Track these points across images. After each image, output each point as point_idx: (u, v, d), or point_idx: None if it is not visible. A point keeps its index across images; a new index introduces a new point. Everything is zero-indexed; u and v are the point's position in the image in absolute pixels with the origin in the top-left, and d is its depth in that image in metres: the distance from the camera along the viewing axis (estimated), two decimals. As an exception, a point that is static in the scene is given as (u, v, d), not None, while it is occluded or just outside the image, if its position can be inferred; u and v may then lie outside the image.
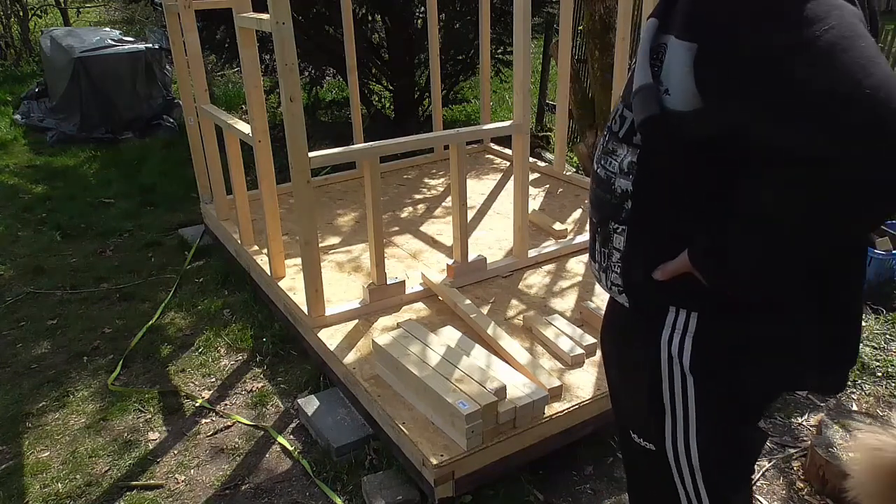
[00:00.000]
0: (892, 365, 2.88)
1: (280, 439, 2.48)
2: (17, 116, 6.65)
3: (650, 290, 1.14)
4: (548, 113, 6.16)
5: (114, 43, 6.29)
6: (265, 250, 3.19)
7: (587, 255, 3.25)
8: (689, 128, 0.99)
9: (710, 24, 0.93)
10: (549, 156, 5.23)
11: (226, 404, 2.70)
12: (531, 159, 4.17)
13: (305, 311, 2.71)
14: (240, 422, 2.59)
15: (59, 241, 4.21)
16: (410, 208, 4.01)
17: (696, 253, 1.06)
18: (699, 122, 0.98)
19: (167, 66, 6.62)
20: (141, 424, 2.60)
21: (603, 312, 2.83)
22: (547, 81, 6.24)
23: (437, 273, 3.04)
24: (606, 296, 1.32)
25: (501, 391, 2.11)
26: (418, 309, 2.87)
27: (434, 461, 2.00)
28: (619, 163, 1.12)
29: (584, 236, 3.43)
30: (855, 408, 2.64)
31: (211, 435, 2.54)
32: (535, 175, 4.33)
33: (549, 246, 3.34)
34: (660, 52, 1.01)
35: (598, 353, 2.48)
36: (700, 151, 1.01)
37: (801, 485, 2.28)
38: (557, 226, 3.54)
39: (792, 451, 2.42)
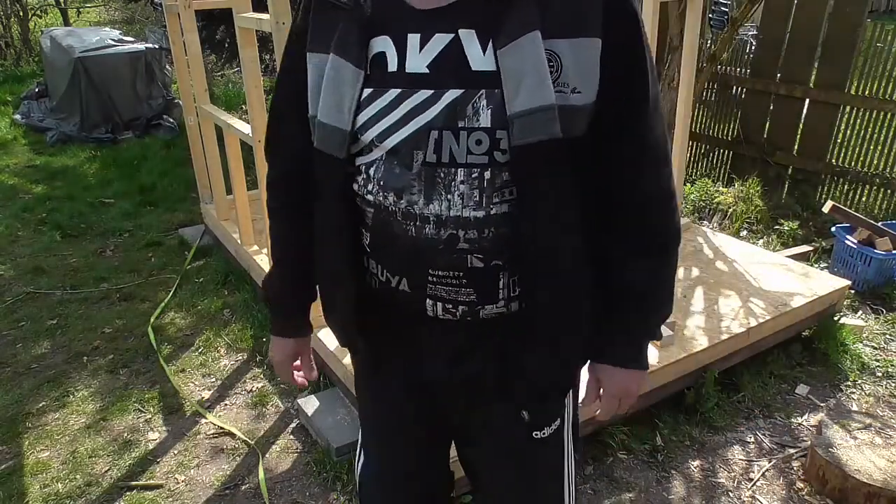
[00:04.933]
0: (892, 365, 2.88)
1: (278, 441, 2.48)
2: (17, 116, 6.65)
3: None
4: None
5: (114, 43, 6.28)
6: (265, 250, 3.19)
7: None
8: (582, 122, 1.00)
9: (604, 18, 0.98)
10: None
11: (225, 404, 2.71)
12: (531, 159, 4.16)
13: (305, 311, 2.70)
14: (234, 433, 2.59)
15: (59, 241, 4.21)
16: (410, 208, 4.01)
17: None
18: (593, 112, 1.01)
19: (167, 66, 6.62)
20: (141, 424, 2.61)
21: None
22: (547, 81, 6.23)
23: (437, 273, 3.03)
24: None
25: (501, 391, 2.11)
26: (418, 309, 2.86)
27: (434, 461, 1.99)
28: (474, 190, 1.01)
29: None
30: (855, 408, 2.64)
31: (211, 435, 2.54)
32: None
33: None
34: (551, 60, 0.97)
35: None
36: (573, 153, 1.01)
37: (801, 485, 2.28)
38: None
39: (792, 451, 2.42)
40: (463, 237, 1.03)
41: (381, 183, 1.04)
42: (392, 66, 1.01)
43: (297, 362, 1.38)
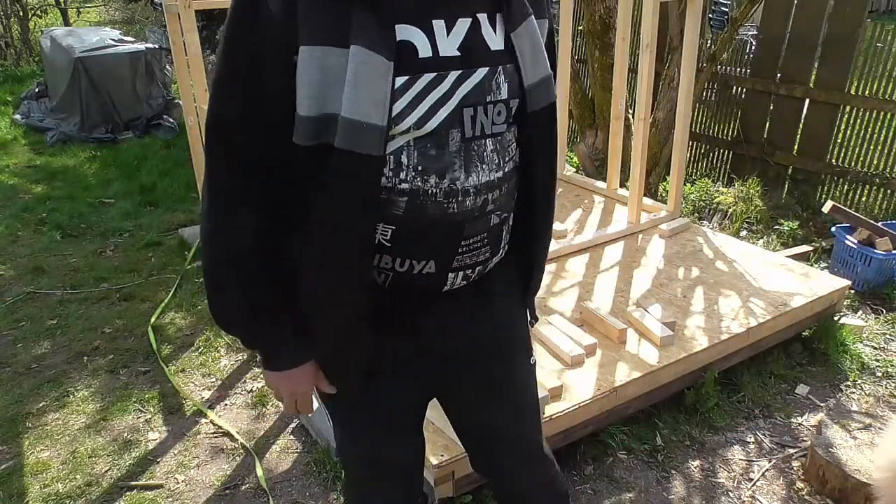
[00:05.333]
0: (892, 365, 2.88)
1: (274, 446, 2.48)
2: (17, 116, 6.65)
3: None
4: (548, 113, 6.15)
5: (114, 43, 6.28)
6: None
7: (587, 255, 3.28)
8: None
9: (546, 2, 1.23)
10: (549, 156, 5.22)
11: (225, 404, 2.71)
12: (531, 159, 4.16)
13: (305, 311, 2.69)
14: (232, 434, 2.59)
15: (59, 241, 4.21)
16: (410, 208, 4.00)
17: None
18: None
19: (167, 66, 6.62)
20: (141, 424, 2.61)
21: (602, 312, 2.82)
22: (547, 81, 6.23)
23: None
24: (606, 296, 1.37)
25: (501, 391, 2.11)
26: (418, 309, 2.86)
27: (434, 461, 2.00)
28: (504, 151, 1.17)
29: (584, 236, 3.44)
30: (855, 408, 2.64)
31: (211, 435, 2.54)
32: (535, 175, 4.33)
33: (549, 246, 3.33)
34: None
35: (598, 352, 2.47)
36: None
37: (801, 485, 2.28)
38: (557, 226, 3.54)
39: (792, 451, 2.43)
40: (491, 199, 1.14)
41: (420, 168, 1.05)
42: (425, 52, 1.03)
43: None
